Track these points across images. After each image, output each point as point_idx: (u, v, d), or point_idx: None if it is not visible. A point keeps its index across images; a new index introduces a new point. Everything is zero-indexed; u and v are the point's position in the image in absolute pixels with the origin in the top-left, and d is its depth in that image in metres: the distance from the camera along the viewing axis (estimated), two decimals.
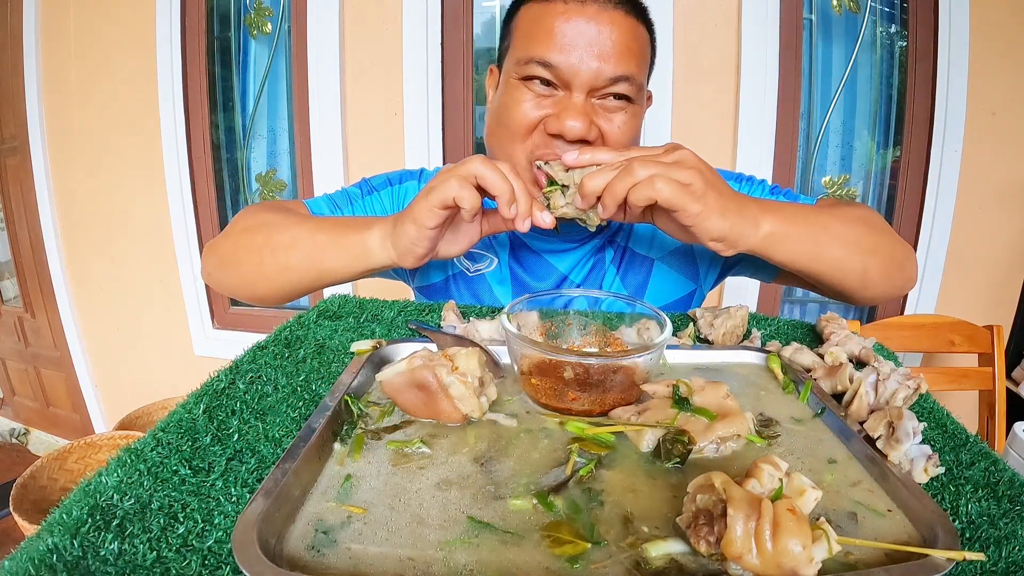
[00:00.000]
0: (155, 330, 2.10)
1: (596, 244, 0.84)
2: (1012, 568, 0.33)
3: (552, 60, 0.64)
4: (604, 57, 0.64)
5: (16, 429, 2.62)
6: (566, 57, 0.64)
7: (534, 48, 0.65)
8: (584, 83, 0.65)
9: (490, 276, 0.84)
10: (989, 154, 1.49)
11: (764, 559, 0.29)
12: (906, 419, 0.42)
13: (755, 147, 1.52)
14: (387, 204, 0.84)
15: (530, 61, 0.66)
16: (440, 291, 0.86)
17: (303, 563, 0.32)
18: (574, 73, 0.64)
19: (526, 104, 0.67)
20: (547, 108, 0.67)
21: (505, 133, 0.70)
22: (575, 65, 0.64)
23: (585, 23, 0.63)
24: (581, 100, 0.65)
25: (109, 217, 2.02)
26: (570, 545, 0.33)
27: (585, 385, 0.48)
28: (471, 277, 0.84)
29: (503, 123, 0.70)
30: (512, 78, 0.69)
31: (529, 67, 0.66)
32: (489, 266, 0.84)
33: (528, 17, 0.68)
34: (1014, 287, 1.58)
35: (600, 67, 0.64)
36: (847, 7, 1.52)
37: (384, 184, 0.84)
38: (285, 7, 1.73)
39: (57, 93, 1.97)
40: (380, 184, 0.84)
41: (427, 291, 0.87)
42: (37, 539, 0.32)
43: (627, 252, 0.84)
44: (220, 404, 0.47)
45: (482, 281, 0.84)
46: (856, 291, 0.68)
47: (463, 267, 0.84)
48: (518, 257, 0.84)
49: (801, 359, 0.59)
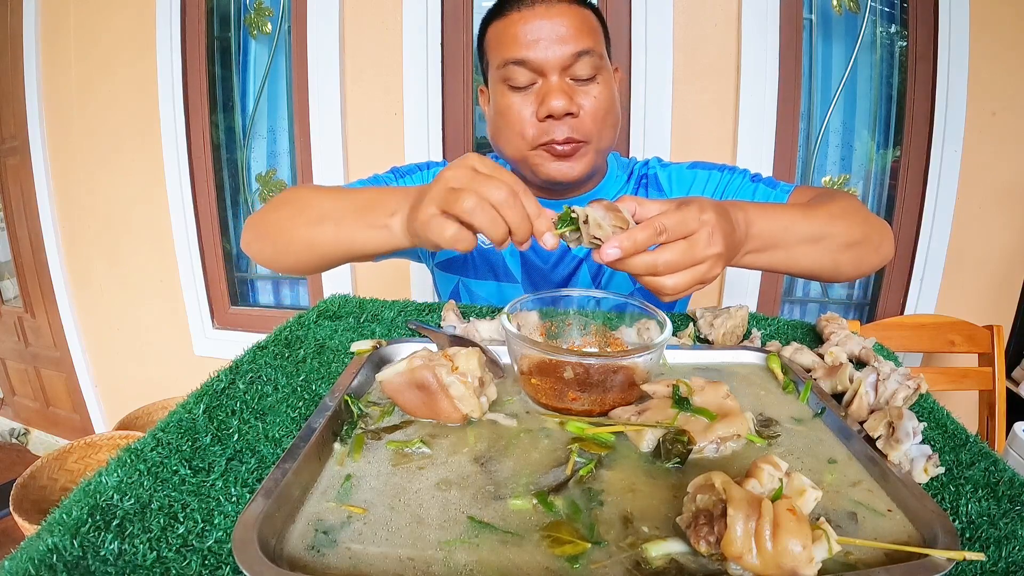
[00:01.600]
0: (155, 330, 2.10)
1: None
2: (1012, 568, 0.33)
3: (523, 56, 0.75)
4: (563, 40, 0.75)
5: (16, 429, 2.62)
6: (533, 51, 0.75)
7: (506, 52, 0.76)
8: (555, 65, 0.75)
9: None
10: (989, 154, 1.49)
11: (764, 559, 0.29)
12: (906, 419, 0.42)
13: (755, 147, 1.52)
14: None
15: (506, 64, 0.76)
16: (458, 263, 0.93)
17: (303, 563, 0.32)
18: (544, 60, 0.75)
19: (516, 102, 0.78)
20: (530, 102, 0.77)
21: (505, 132, 0.80)
22: (542, 53, 0.75)
23: (540, 20, 0.75)
24: (557, 81, 0.76)
25: (109, 217, 2.02)
26: (570, 545, 0.33)
27: (585, 385, 0.48)
28: (485, 249, 0.91)
29: (501, 125, 0.80)
30: (498, 84, 0.79)
31: (507, 69, 0.77)
32: None
33: (494, 34, 0.79)
34: (1014, 287, 1.58)
35: (563, 48, 0.75)
36: (847, 7, 1.52)
37: (414, 170, 0.92)
38: (285, 7, 1.73)
39: (57, 93, 1.97)
40: (410, 170, 0.92)
41: (445, 265, 0.94)
42: (37, 539, 0.32)
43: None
44: (220, 404, 0.47)
45: (495, 252, 0.90)
46: (828, 280, 0.75)
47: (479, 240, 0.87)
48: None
49: (801, 359, 0.59)
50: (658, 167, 0.93)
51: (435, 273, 0.97)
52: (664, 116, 1.53)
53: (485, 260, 0.91)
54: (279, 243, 0.72)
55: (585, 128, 0.77)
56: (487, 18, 0.82)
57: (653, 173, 0.92)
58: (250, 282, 2.04)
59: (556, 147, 0.77)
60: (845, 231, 0.68)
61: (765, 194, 0.84)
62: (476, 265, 0.92)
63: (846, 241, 0.68)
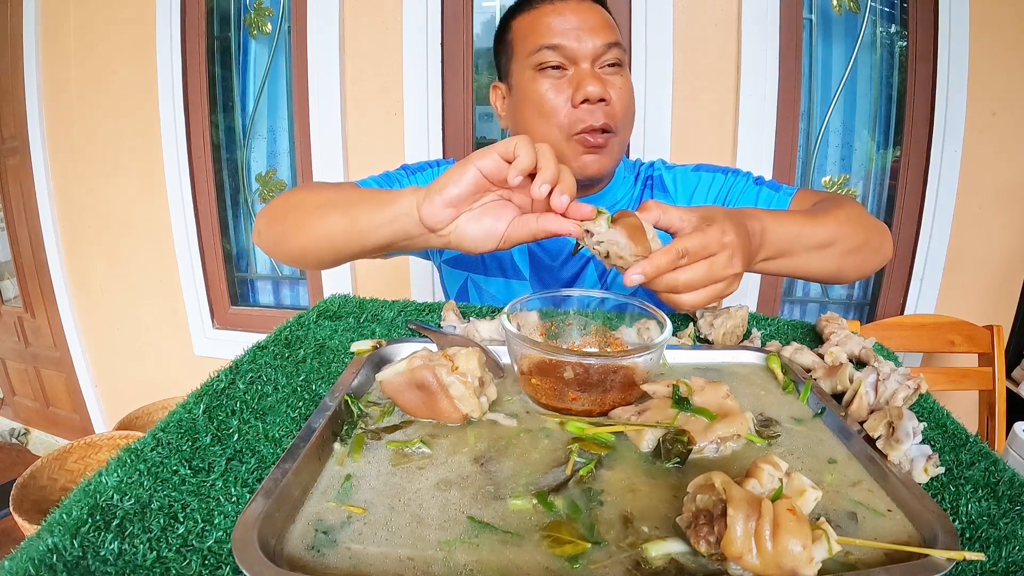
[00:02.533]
0: (155, 330, 2.10)
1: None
2: (1012, 568, 0.33)
3: (558, 42, 0.77)
4: (596, 31, 0.78)
5: (16, 429, 2.62)
6: (567, 39, 0.77)
7: (540, 39, 0.78)
8: (588, 54, 0.77)
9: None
10: (989, 154, 1.49)
11: (764, 559, 0.29)
12: (906, 419, 0.42)
13: (755, 147, 1.52)
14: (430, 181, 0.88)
15: (541, 48, 0.78)
16: (467, 259, 0.93)
17: (303, 563, 0.32)
18: (578, 48, 0.77)
19: (549, 90, 0.79)
20: (564, 88, 0.78)
21: (537, 121, 0.80)
22: (577, 42, 0.77)
23: (572, 13, 0.78)
24: (589, 69, 0.78)
25: (109, 217, 2.02)
26: (570, 545, 0.33)
27: (585, 385, 0.48)
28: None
29: (533, 112, 0.81)
30: (528, 71, 0.80)
31: (541, 54, 0.78)
32: None
33: (523, 24, 0.81)
34: (1014, 287, 1.58)
35: (595, 38, 0.78)
36: (847, 7, 1.52)
37: (425, 167, 0.92)
38: (285, 7, 1.73)
39: (57, 93, 1.97)
40: (422, 167, 0.92)
41: (454, 261, 0.95)
42: (37, 539, 0.32)
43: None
44: (220, 404, 0.47)
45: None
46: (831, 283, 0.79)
47: None
48: None
49: (801, 359, 0.59)
50: (663, 169, 0.94)
51: (443, 269, 0.98)
52: (664, 116, 1.53)
53: (494, 257, 0.92)
54: (289, 229, 0.71)
55: (617, 116, 0.79)
56: (511, 13, 0.84)
57: (658, 175, 0.93)
58: (250, 282, 2.04)
59: (589, 138, 0.78)
60: (850, 236, 0.70)
61: (768, 197, 0.85)
62: (485, 262, 0.92)
63: (851, 246, 0.71)
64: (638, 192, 0.93)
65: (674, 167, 0.94)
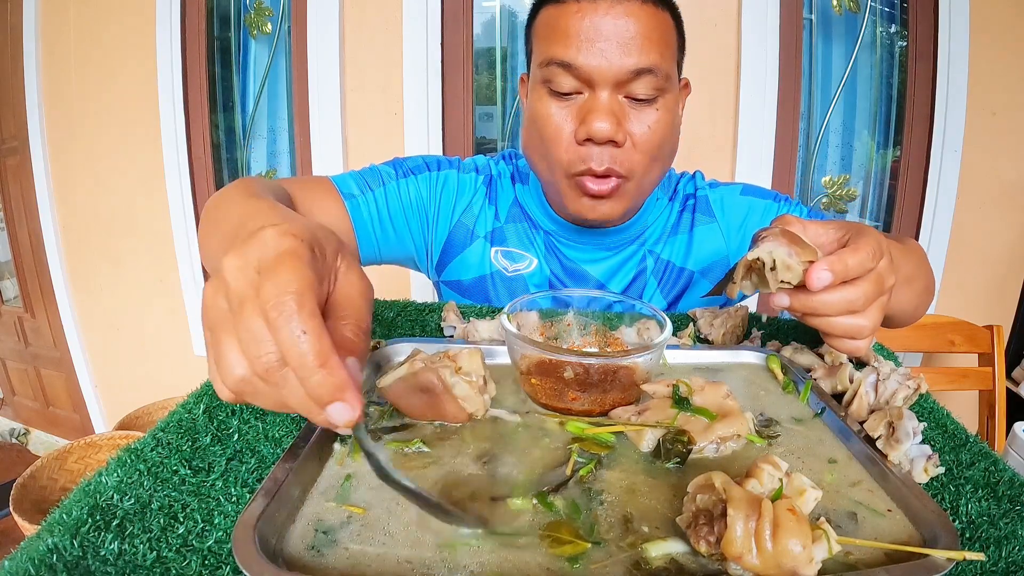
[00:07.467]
0: (155, 330, 2.10)
1: (629, 252, 0.81)
2: (1012, 568, 0.33)
3: (571, 60, 0.62)
4: (624, 50, 0.61)
5: (16, 429, 2.62)
6: (584, 56, 0.61)
7: (552, 50, 0.63)
8: (606, 80, 0.62)
9: (528, 277, 0.81)
10: (989, 154, 1.49)
11: (764, 559, 0.29)
12: (906, 419, 0.42)
13: (755, 147, 1.52)
14: (424, 191, 0.79)
15: (550, 63, 0.64)
16: (472, 290, 0.82)
17: (303, 563, 0.32)
18: (594, 70, 0.62)
19: (554, 112, 0.65)
20: (572, 115, 0.65)
21: (539, 143, 0.69)
22: (594, 62, 0.61)
23: (600, 18, 0.61)
24: (606, 98, 0.63)
25: (109, 217, 2.02)
26: (570, 545, 0.33)
27: (585, 385, 0.48)
28: (509, 277, 0.81)
29: (535, 133, 0.69)
30: (537, 86, 0.67)
31: (549, 70, 0.64)
32: (528, 267, 0.81)
33: (545, 20, 0.66)
34: (1014, 287, 1.58)
35: (621, 61, 0.61)
36: (847, 7, 1.52)
37: (421, 168, 0.80)
38: (285, 7, 1.73)
39: (57, 93, 1.97)
40: (417, 167, 0.80)
41: (456, 287, 0.83)
42: (37, 539, 0.32)
43: (668, 265, 0.82)
44: (220, 404, 0.47)
45: (520, 282, 0.81)
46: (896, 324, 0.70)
47: (501, 267, 0.81)
48: (554, 262, 0.81)
49: (801, 359, 0.59)
50: (708, 189, 0.83)
51: (440, 287, 0.87)
52: None
53: (507, 287, 0.82)
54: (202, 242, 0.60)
55: (630, 161, 0.65)
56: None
57: (703, 195, 0.82)
58: None
59: (589, 184, 0.66)
60: (927, 274, 0.66)
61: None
62: (497, 293, 0.81)
63: (925, 284, 0.66)
64: (675, 215, 0.82)
65: (718, 185, 0.83)
